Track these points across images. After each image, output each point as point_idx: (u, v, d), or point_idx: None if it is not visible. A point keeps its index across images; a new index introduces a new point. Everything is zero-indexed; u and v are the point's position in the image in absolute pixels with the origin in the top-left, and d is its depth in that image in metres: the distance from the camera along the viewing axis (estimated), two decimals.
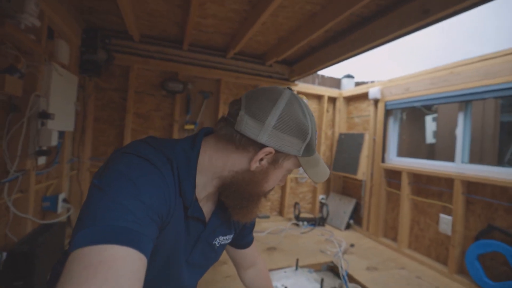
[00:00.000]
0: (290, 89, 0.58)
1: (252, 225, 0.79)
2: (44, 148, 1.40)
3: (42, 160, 1.46)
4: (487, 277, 1.78)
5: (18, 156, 1.26)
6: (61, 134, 1.76)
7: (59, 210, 1.71)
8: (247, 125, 0.51)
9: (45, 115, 1.36)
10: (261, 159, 0.54)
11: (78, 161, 2.21)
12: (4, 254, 1.14)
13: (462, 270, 1.98)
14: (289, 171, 0.61)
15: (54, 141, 1.40)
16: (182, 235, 0.55)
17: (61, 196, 1.71)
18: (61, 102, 1.62)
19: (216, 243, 0.64)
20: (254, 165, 0.54)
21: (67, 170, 1.92)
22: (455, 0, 1.36)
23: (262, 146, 0.52)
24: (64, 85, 1.68)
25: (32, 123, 1.33)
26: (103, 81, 2.40)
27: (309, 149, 0.56)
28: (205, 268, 0.68)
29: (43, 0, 1.35)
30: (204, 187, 0.56)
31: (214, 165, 0.55)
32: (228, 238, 0.68)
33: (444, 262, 2.11)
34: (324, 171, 0.61)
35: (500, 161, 3.19)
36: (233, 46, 2.44)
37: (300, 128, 0.53)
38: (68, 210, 1.90)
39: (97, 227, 0.36)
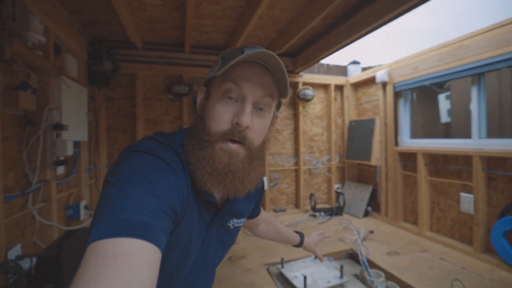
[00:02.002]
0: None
1: (258, 200, 0.79)
2: (62, 158, 1.47)
3: (60, 170, 1.53)
4: None
5: (38, 167, 1.33)
6: (76, 144, 1.84)
7: (82, 216, 1.79)
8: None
9: (59, 127, 1.42)
10: (200, 100, 0.59)
11: (95, 169, 2.30)
12: (34, 260, 1.22)
13: (488, 249, 1.91)
14: (224, 94, 0.52)
15: (69, 151, 1.47)
16: (196, 221, 0.56)
17: (83, 203, 1.79)
18: (73, 113, 1.69)
19: (230, 225, 0.66)
20: (197, 107, 0.59)
21: (85, 178, 2.01)
22: None
23: None
24: (74, 97, 1.75)
25: (48, 135, 1.40)
26: (111, 91, 2.48)
27: (227, 60, 0.52)
28: (221, 251, 0.69)
29: (47, 17, 1.41)
30: None
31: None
32: (242, 221, 0.70)
33: (469, 242, 2.04)
34: (254, 53, 0.50)
35: None
36: (234, 44, 2.45)
37: (220, 57, 0.56)
38: (90, 216, 1.99)
39: (113, 221, 0.37)
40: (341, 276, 1.62)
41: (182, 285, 0.63)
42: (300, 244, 1.02)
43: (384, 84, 2.78)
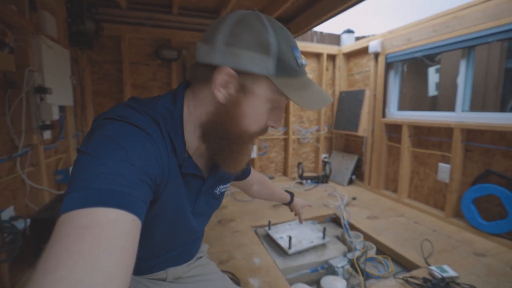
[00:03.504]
0: (254, 10, 0.51)
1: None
2: (47, 122, 1.44)
3: (47, 134, 1.50)
4: (481, 218, 1.88)
5: (23, 131, 1.31)
6: (62, 109, 1.79)
7: None
8: (201, 52, 0.49)
9: (42, 90, 1.37)
10: (227, 87, 0.49)
11: (83, 135, 2.27)
12: (28, 221, 1.25)
13: (457, 214, 2.08)
14: (272, 102, 0.51)
15: (55, 115, 1.43)
16: (183, 192, 0.57)
17: (72, 168, 1.79)
18: (55, 76, 1.62)
19: (217, 192, 0.68)
20: (220, 94, 0.49)
21: (73, 144, 1.98)
22: None
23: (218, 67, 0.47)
24: (56, 59, 1.66)
25: (31, 99, 1.35)
26: (96, 54, 2.36)
27: (285, 68, 0.48)
28: (210, 214, 0.74)
29: None
30: (191, 141, 0.54)
31: (194, 115, 0.53)
32: (227, 185, 0.72)
33: (442, 208, 2.22)
34: (318, 96, 0.51)
35: (502, 108, 3.15)
36: (224, 6, 2.32)
37: (259, 41, 0.46)
38: None
39: (85, 191, 0.35)
40: (323, 237, 1.75)
41: (171, 250, 0.67)
42: (290, 202, 1.09)
43: (376, 55, 2.76)
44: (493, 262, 1.56)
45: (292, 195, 1.10)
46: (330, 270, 1.56)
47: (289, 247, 1.61)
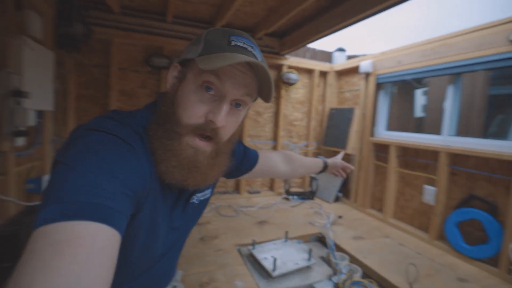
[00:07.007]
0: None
1: (241, 152, 0.80)
2: (22, 128, 1.34)
3: (20, 141, 1.40)
4: (464, 242, 1.89)
5: None
6: (40, 114, 1.69)
7: None
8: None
9: (19, 94, 1.28)
10: (173, 78, 0.53)
11: (62, 141, 2.15)
12: None
13: (441, 237, 2.09)
14: (200, 82, 0.48)
15: (31, 121, 1.34)
16: (160, 204, 0.54)
17: (46, 177, 1.68)
18: (36, 79, 1.53)
19: (195, 201, 0.64)
20: (167, 86, 0.54)
21: (50, 151, 1.87)
22: None
23: None
24: (38, 61, 1.57)
25: (6, 102, 1.26)
26: (83, 57, 2.28)
27: (210, 47, 0.48)
28: (190, 227, 0.69)
29: None
30: None
31: None
32: (207, 193, 0.68)
33: (426, 230, 2.22)
34: (226, 59, 0.45)
35: (485, 134, 3.26)
36: (220, 18, 2.31)
37: (199, 36, 0.52)
38: None
39: (65, 203, 0.33)
40: (309, 259, 1.70)
41: (149, 265, 0.62)
42: (324, 168, 1.02)
43: (367, 75, 2.81)
44: None
45: (324, 160, 1.02)
46: None
47: (274, 269, 1.55)
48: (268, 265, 1.60)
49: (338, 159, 1.06)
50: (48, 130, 1.83)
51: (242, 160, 0.80)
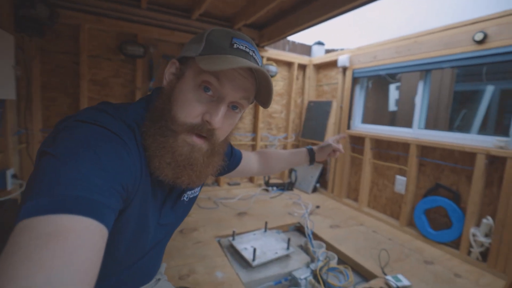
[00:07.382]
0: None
1: (229, 152, 0.81)
2: None
3: None
4: (430, 228, 2.03)
5: None
6: (1, 103, 1.55)
7: (10, 186, 1.57)
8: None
9: None
10: (170, 74, 0.53)
11: (27, 133, 2.01)
12: None
13: (411, 223, 2.24)
14: (199, 82, 0.48)
15: None
16: (149, 201, 0.53)
17: (10, 171, 1.56)
18: None
19: (185, 198, 0.64)
20: (164, 82, 0.53)
21: (13, 143, 1.74)
22: None
23: None
24: None
25: None
26: (48, 42, 2.11)
27: (211, 47, 0.48)
28: (178, 224, 0.68)
29: None
30: None
31: None
32: (196, 191, 0.68)
33: (397, 217, 2.36)
34: (228, 62, 0.45)
35: (450, 127, 3.50)
36: (198, 6, 2.24)
37: (200, 35, 0.52)
38: (21, 186, 1.76)
39: (52, 196, 0.32)
40: (288, 248, 1.75)
41: (136, 259, 0.61)
42: (312, 159, 0.97)
43: (344, 69, 2.87)
44: (439, 269, 1.68)
45: (308, 149, 0.98)
46: (293, 282, 1.56)
47: (253, 259, 1.58)
48: (248, 255, 1.62)
49: (329, 141, 1.01)
50: (11, 120, 1.69)
51: (229, 159, 0.81)
